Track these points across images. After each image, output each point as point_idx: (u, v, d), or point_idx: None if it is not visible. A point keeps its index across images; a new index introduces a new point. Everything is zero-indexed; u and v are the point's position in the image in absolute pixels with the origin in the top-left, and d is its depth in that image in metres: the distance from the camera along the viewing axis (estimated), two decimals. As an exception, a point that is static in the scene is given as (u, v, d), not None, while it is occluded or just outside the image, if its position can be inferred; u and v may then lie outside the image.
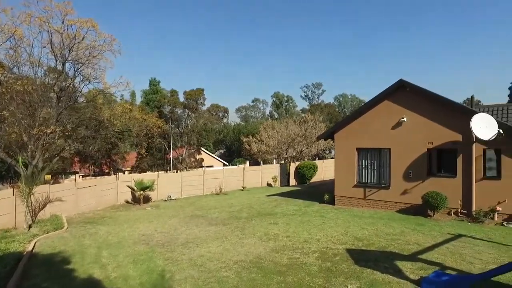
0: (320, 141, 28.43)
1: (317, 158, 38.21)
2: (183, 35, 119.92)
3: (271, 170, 28.69)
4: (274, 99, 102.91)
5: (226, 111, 46.47)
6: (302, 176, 28.83)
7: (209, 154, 51.09)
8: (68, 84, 22.58)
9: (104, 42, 21.75)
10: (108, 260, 9.54)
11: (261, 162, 39.47)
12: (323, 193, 18.28)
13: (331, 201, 17.36)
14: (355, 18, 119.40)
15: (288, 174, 29.22)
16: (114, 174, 30.00)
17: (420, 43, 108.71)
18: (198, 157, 47.09)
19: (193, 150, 45.43)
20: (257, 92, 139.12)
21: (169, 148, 39.80)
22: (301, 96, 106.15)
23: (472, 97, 14.14)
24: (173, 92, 41.57)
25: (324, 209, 16.35)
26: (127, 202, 21.15)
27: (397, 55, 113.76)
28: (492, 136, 12.27)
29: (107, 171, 39.44)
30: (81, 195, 18.13)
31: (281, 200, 19.80)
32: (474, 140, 12.90)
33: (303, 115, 40.58)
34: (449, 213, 13.73)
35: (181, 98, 40.93)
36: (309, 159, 33.78)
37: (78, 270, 8.84)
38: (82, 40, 21.10)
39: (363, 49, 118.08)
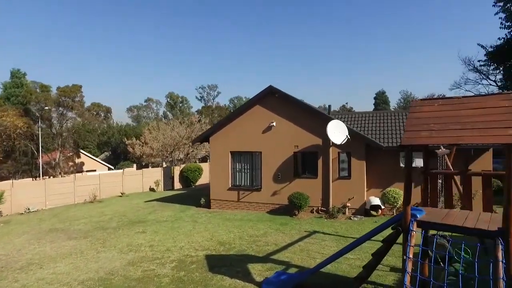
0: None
1: (208, 161, 38.10)
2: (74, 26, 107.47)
3: (154, 174, 27.45)
4: (168, 99, 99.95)
5: (108, 110, 42.90)
6: (187, 179, 28.32)
7: (91, 158, 46.61)
8: None
9: None
10: None
11: (150, 165, 37.64)
12: (202, 197, 18.13)
13: (207, 205, 17.31)
14: (253, 22, 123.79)
15: (172, 177, 28.40)
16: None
17: (311, 46, 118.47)
18: (78, 161, 42.51)
19: (71, 154, 40.76)
20: (151, 92, 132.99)
21: (39, 152, 34.85)
22: (196, 97, 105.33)
23: (329, 106, 15.73)
24: (44, 87, 36.46)
25: (199, 213, 16.19)
26: (-31, 218, 17.64)
27: (291, 58, 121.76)
28: (343, 140, 13.76)
29: None
30: None
31: (158, 206, 18.99)
32: (331, 144, 14.27)
33: (195, 116, 40.04)
34: (311, 211, 14.92)
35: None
36: (195, 162, 33.45)
37: None
38: None
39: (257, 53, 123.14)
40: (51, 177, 31.26)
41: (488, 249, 5.98)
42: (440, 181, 10.31)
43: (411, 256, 4.72)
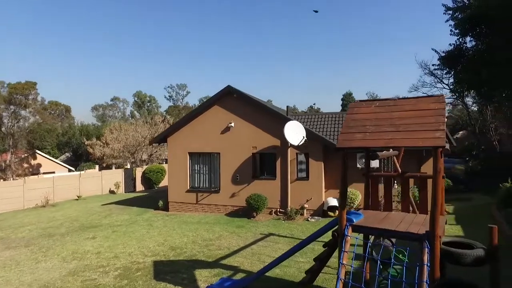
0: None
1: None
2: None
3: (114, 176, 26.44)
4: (135, 98, 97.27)
5: (67, 109, 40.84)
6: (149, 181, 27.51)
7: (50, 159, 44.24)
8: None
9: None
10: None
11: (114, 167, 36.25)
12: (160, 199, 17.56)
13: (165, 208, 16.79)
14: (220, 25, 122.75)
15: (134, 179, 27.49)
16: None
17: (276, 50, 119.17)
18: (34, 162, 40.21)
19: (25, 155, 38.52)
20: (118, 91, 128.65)
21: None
22: (165, 97, 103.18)
23: (287, 106, 15.67)
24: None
25: (156, 216, 15.65)
26: None
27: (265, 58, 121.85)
28: (300, 142, 13.72)
29: None
30: None
31: (116, 209, 18.23)
32: (289, 145, 14.19)
33: (159, 116, 38.98)
34: (270, 213, 14.79)
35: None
36: (159, 163, 32.59)
37: None
38: None
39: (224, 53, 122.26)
40: (1, 180, 29.35)
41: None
42: (395, 184, 10.48)
43: (344, 262, 4.61)
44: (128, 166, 31.75)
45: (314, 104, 65.20)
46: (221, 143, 15.56)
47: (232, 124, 15.23)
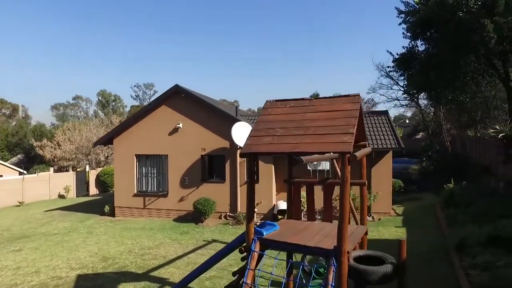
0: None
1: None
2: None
3: (64, 179, 24.86)
4: (99, 97, 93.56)
5: (15, 108, 38.28)
6: (104, 184, 26.13)
7: (-3, 161, 41.37)
8: None
9: None
10: None
11: (71, 169, 34.29)
12: (107, 204, 16.51)
13: (112, 213, 15.79)
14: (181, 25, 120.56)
15: (88, 182, 26.03)
16: None
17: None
18: (-21, 165, 37.38)
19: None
20: (80, 89, 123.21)
21: None
22: (131, 96, 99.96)
23: (236, 107, 15.18)
24: None
25: (99, 223, 14.66)
26: None
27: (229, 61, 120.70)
28: (249, 143, 13.23)
29: None
30: None
31: (58, 216, 16.98)
32: (237, 147, 13.67)
33: (115, 115, 37.36)
34: (220, 217, 14.21)
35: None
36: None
37: None
38: None
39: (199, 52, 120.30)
40: None
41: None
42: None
43: (248, 281, 4.11)
44: (87, 169, 30.06)
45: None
46: (169, 144, 14.81)
47: (180, 125, 14.52)
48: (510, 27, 12.60)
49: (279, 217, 13.53)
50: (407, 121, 52.89)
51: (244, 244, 4.78)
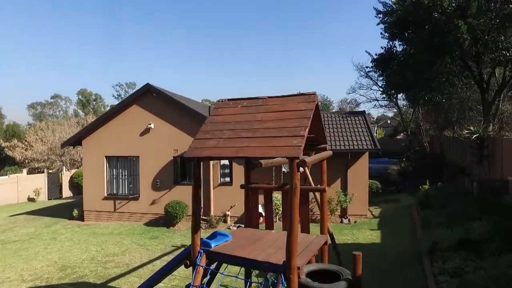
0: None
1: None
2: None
3: (35, 181, 23.84)
4: (80, 97, 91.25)
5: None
6: (78, 186, 25.18)
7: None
8: None
9: None
10: None
11: (47, 170, 33.03)
12: (75, 208, 15.80)
13: (81, 217, 15.10)
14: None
15: (61, 184, 25.06)
16: None
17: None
18: None
19: None
20: (60, 88, 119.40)
21: None
22: (113, 95, 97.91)
23: (209, 107, 14.74)
24: None
25: (66, 228, 13.97)
26: None
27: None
28: (222, 144, 12.80)
29: None
30: None
31: (24, 221, 16.15)
32: (211, 147, 13.21)
33: (90, 115, 36.19)
34: (193, 221, 13.71)
35: None
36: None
37: None
38: None
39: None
40: None
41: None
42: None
43: (192, 299, 3.70)
44: (64, 170, 28.94)
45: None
46: (140, 145, 14.24)
47: (152, 125, 13.98)
48: (482, 29, 12.61)
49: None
50: (389, 122, 53.37)
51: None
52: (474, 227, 7.92)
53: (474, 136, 12.11)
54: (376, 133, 51.65)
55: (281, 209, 13.02)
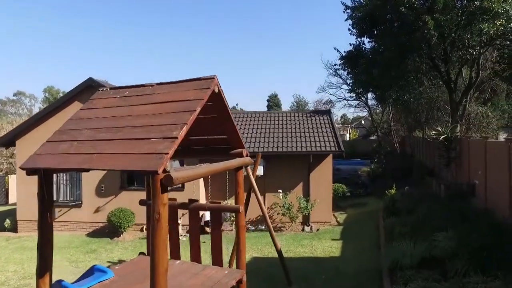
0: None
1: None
2: None
3: (-24, 186, 21.68)
4: (46, 94, 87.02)
5: None
6: (28, 190, 23.19)
7: None
8: None
9: None
10: None
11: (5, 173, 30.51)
12: (8, 218, 14.07)
13: (14, 228, 13.43)
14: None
15: (7, 189, 22.95)
16: None
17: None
18: None
19: None
20: (24, 85, 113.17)
21: None
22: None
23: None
24: None
25: (-7, 241, 12.28)
26: None
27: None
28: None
29: None
30: None
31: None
32: (161, 149, 11.92)
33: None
34: (142, 229, 12.38)
35: None
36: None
37: None
38: None
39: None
40: None
41: None
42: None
43: None
44: (16, 174, 26.67)
45: (236, 104, 63.29)
46: (81, 147, 12.75)
47: (95, 124, 12.53)
48: (449, 26, 12.05)
49: (207, 229, 11.96)
50: (363, 122, 53.18)
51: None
52: (439, 239, 7.07)
53: (442, 137, 11.42)
54: (350, 133, 51.45)
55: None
